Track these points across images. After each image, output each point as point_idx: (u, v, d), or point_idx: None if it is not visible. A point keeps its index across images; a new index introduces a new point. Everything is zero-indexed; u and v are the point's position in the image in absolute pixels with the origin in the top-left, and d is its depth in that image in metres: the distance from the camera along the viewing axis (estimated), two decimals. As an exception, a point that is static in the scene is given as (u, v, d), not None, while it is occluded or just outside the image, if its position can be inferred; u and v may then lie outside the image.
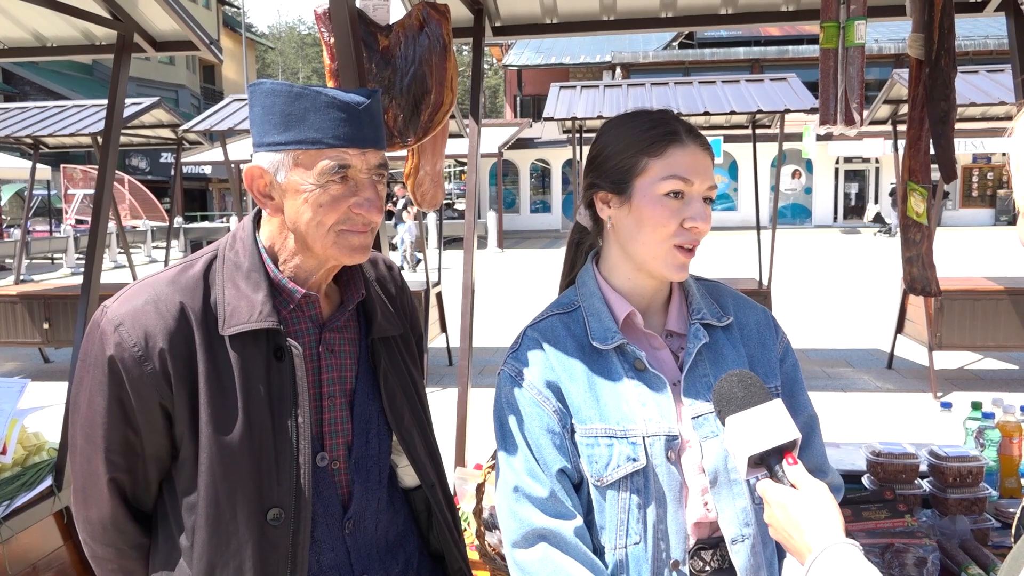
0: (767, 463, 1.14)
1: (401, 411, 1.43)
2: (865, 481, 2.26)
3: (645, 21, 3.34)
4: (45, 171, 15.86)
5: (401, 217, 17.32)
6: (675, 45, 27.44)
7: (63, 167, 21.81)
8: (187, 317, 1.25)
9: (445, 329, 8.25)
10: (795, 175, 27.85)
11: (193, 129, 8.52)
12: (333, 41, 2.28)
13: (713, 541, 1.34)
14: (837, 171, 28.33)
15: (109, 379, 1.24)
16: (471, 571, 1.54)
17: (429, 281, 7.60)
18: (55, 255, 20.74)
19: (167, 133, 8.76)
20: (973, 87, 6.77)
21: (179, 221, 22.93)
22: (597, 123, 7.51)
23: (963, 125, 7.05)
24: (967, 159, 26.30)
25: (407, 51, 2.55)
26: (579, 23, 3.39)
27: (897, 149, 7.15)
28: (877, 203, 26.89)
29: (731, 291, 1.50)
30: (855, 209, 28.43)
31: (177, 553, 1.29)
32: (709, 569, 1.33)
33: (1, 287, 8.72)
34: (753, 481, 1.19)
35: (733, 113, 7.26)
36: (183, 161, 12.69)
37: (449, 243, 20.33)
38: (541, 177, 29.69)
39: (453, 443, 3.02)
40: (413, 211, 16.39)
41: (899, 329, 7.34)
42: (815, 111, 6.78)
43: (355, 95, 1.25)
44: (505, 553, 1.36)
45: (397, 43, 2.56)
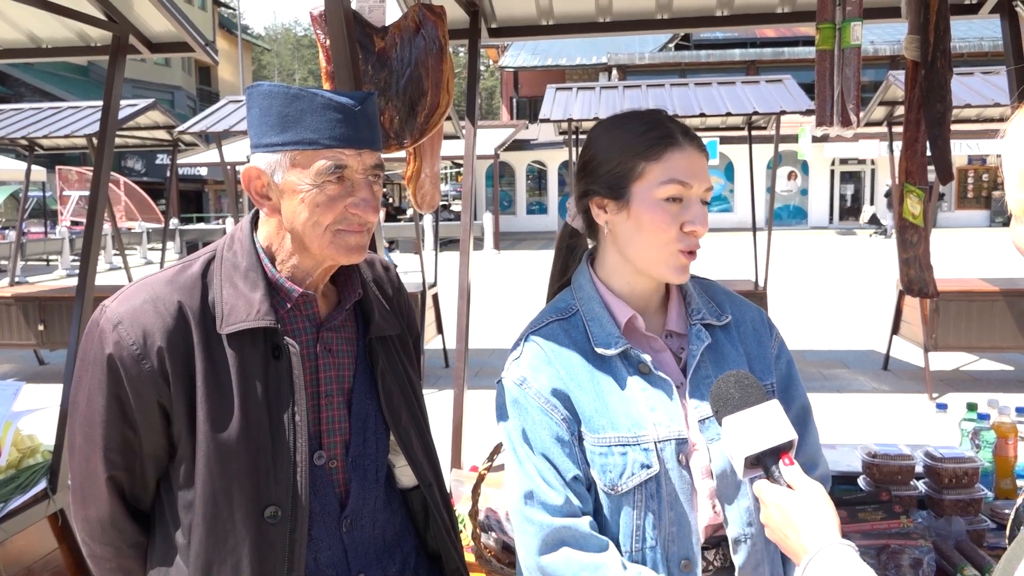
0: (763, 463, 1.14)
1: (398, 411, 1.43)
2: (861, 482, 2.26)
3: (641, 23, 3.35)
4: (40, 173, 15.86)
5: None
6: (671, 47, 27.48)
7: (58, 169, 21.75)
8: (185, 316, 1.26)
9: (441, 331, 8.24)
10: (791, 177, 27.90)
11: (189, 131, 8.50)
12: (329, 43, 2.28)
13: (715, 540, 1.34)
14: (833, 173, 28.40)
15: (108, 378, 1.24)
16: (468, 572, 1.54)
17: (425, 282, 7.59)
18: (50, 257, 20.70)
19: (163, 135, 8.74)
20: (968, 89, 6.79)
21: (175, 223, 22.88)
22: (593, 124, 7.48)
23: (958, 127, 7.04)
24: (962, 161, 26.39)
25: (403, 53, 2.54)
26: (575, 25, 3.39)
27: (893, 151, 7.17)
28: (873, 204, 26.95)
29: (724, 289, 1.50)
30: (851, 210, 28.49)
31: (174, 551, 1.29)
32: (713, 568, 1.33)
33: (-4, 289, 8.69)
34: (749, 482, 1.19)
35: (729, 115, 7.28)
36: (179, 163, 12.68)
37: (445, 244, 20.32)
38: (537, 179, 29.71)
39: (449, 445, 3.02)
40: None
41: (895, 330, 7.35)
42: (811, 113, 6.82)
43: (351, 96, 1.26)
44: (521, 561, 1.34)
45: (393, 45, 2.56)
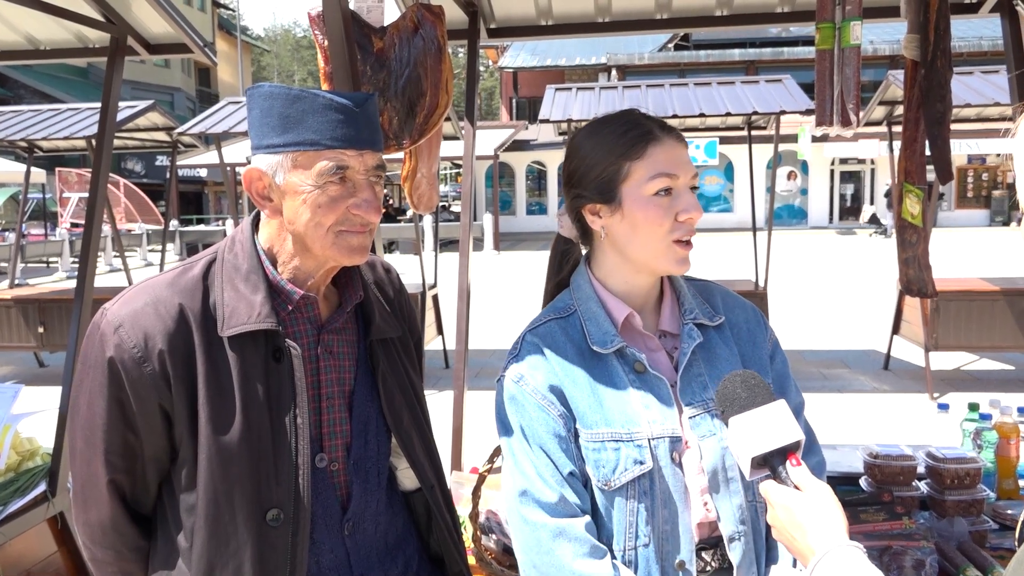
0: (770, 464, 1.14)
1: (400, 413, 1.43)
2: (862, 483, 2.25)
3: (640, 23, 3.34)
4: (40, 175, 15.85)
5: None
6: (670, 47, 27.48)
7: (58, 170, 21.75)
8: (186, 319, 1.25)
9: (441, 331, 8.23)
10: (791, 176, 27.91)
11: (188, 132, 8.50)
12: (327, 43, 2.27)
13: (712, 541, 1.34)
14: (833, 172, 28.40)
15: (109, 381, 1.24)
16: (471, 574, 1.54)
17: (425, 283, 7.59)
18: (50, 259, 20.69)
19: (162, 136, 8.74)
20: (968, 88, 6.79)
21: (175, 224, 22.88)
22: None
23: (958, 126, 7.03)
24: (962, 160, 26.39)
25: (402, 53, 2.54)
26: (574, 25, 3.38)
27: (892, 150, 7.17)
28: (873, 204, 26.96)
29: (720, 289, 1.51)
30: (851, 210, 28.49)
31: (176, 554, 1.29)
32: (710, 569, 1.34)
33: (-4, 291, 8.68)
34: (756, 482, 1.19)
35: (729, 115, 7.27)
36: (178, 164, 12.67)
37: (445, 245, 20.32)
38: (537, 179, 29.72)
39: (449, 447, 3.01)
40: None
41: (895, 330, 7.35)
42: (810, 112, 6.82)
43: (353, 97, 1.26)
44: (517, 558, 1.35)
45: (392, 45, 2.56)
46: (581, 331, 1.38)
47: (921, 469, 2.24)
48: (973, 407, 2.50)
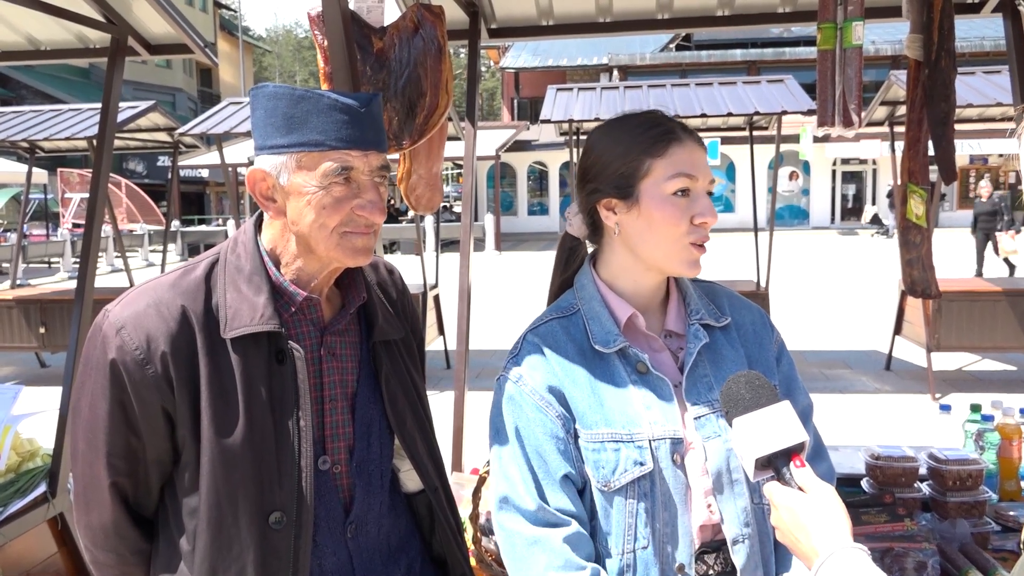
0: (774, 465, 1.13)
1: (403, 414, 1.43)
2: (864, 485, 2.25)
3: (641, 23, 3.34)
4: (42, 175, 15.86)
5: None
6: (672, 47, 27.49)
7: (60, 171, 21.79)
8: (189, 320, 1.25)
9: (443, 332, 8.23)
10: (792, 177, 27.90)
11: (189, 132, 8.51)
12: (327, 44, 2.27)
13: (715, 544, 1.33)
14: (834, 173, 28.39)
15: (111, 383, 1.23)
16: None
17: (426, 284, 7.58)
18: (52, 259, 20.71)
19: (164, 136, 8.75)
20: (970, 88, 6.78)
21: (176, 225, 22.90)
22: (594, 125, 7.50)
23: (960, 126, 6.99)
24: (964, 160, 26.37)
25: (402, 53, 2.53)
26: (575, 25, 3.38)
27: (894, 150, 7.15)
28: (875, 204, 26.94)
29: (726, 291, 1.50)
30: (852, 210, 28.48)
31: (178, 558, 1.28)
32: (712, 573, 1.32)
33: (-3, 291, 8.69)
34: (760, 483, 1.18)
35: (730, 115, 7.26)
36: (180, 164, 12.68)
37: (447, 245, 20.32)
38: (538, 179, 29.73)
39: (450, 448, 3.01)
40: None
41: (897, 330, 7.34)
42: (812, 112, 6.80)
43: (357, 97, 1.25)
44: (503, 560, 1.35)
45: (392, 45, 2.55)
46: (584, 330, 1.37)
47: (923, 470, 2.23)
48: (975, 408, 2.50)
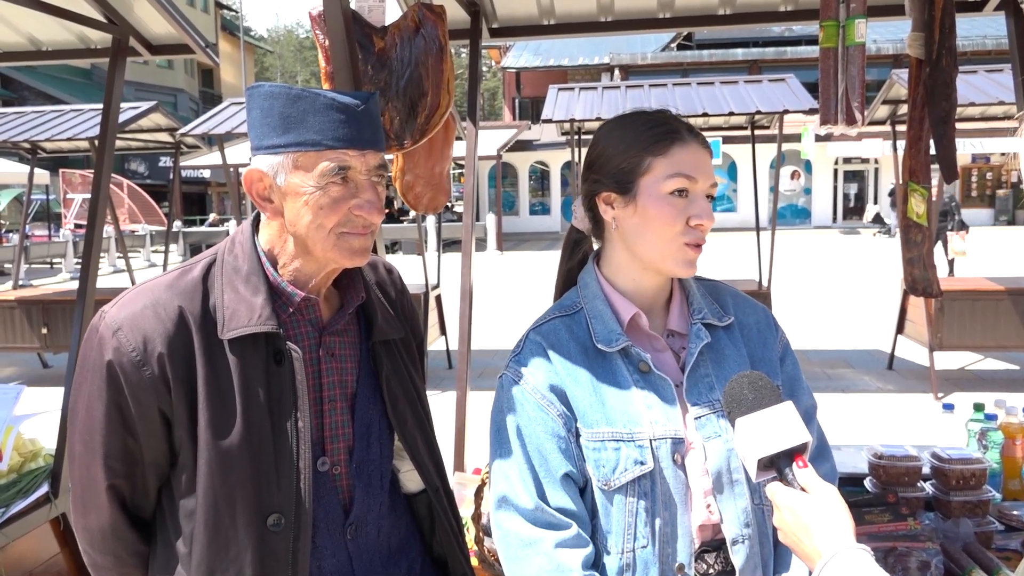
0: (777, 466, 1.13)
1: (404, 415, 1.42)
2: (867, 484, 2.25)
3: (643, 22, 3.34)
4: (44, 176, 15.86)
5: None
6: (673, 46, 27.46)
7: (62, 171, 21.83)
8: (186, 321, 1.24)
9: (444, 332, 8.23)
10: (794, 176, 27.87)
11: (191, 133, 8.51)
12: (328, 43, 2.26)
13: (715, 544, 1.33)
14: (836, 172, 28.36)
15: (108, 384, 1.23)
16: (474, 576, 1.53)
17: (428, 284, 7.58)
18: (54, 260, 20.73)
19: (165, 137, 8.75)
20: (972, 87, 6.76)
21: (178, 225, 22.91)
22: (595, 125, 7.50)
23: (962, 125, 7.03)
24: (966, 159, 26.33)
25: (403, 53, 2.53)
26: (576, 24, 3.38)
27: (896, 149, 7.14)
28: (876, 203, 26.90)
29: (731, 290, 1.50)
30: (854, 210, 28.45)
31: (176, 560, 1.28)
32: (712, 572, 1.32)
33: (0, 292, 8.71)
34: (762, 484, 1.18)
35: (732, 114, 7.25)
36: (181, 165, 12.68)
37: (448, 245, 20.32)
38: (540, 179, 29.71)
39: (452, 447, 3.00)
40: None
41: (899, 330, 7.32)
42: (814, 112, 6.79)
43: (354, 96, 1.25)
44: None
45: (393, 45, 2.55)
46: (586, 329, 1.37)
47: (926, 470, 2.23)
48: (978, 407, 2.49)
